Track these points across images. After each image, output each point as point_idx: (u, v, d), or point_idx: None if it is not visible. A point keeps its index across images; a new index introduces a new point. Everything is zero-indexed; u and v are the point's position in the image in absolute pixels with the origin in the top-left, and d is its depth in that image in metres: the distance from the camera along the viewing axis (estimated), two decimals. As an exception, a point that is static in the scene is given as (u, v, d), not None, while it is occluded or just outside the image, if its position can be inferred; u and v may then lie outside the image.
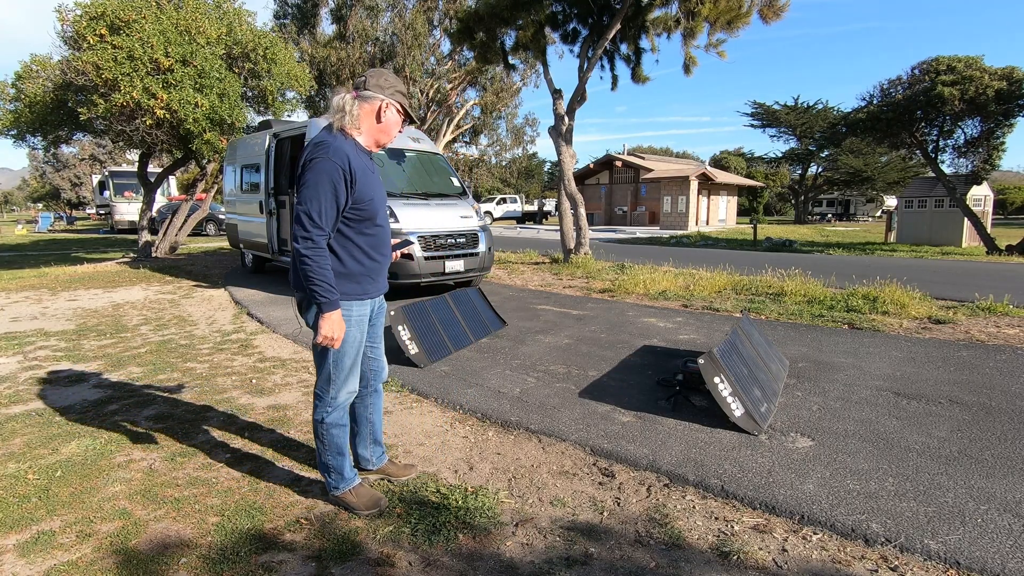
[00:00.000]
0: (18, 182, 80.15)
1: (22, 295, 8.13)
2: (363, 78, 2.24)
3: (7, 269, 11.42)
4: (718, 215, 31.79)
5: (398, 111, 2.27)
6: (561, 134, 10.93)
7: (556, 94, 11.10)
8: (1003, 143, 14.97)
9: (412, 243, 2.68)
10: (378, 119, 2.24)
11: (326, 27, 25.10)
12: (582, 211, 11.07)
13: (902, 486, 2.51)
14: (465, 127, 29.53)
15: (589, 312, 6.49)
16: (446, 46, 24.91)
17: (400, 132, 2.33)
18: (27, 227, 28.36)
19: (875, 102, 16.82)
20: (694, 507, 2.43)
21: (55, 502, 2.47)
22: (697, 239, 19.95)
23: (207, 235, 22.12)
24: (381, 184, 2.36)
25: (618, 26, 10.61)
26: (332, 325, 2.10)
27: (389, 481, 2.65)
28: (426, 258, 6.94)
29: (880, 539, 2.14)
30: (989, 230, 17.07)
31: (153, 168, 20.16)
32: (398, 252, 2.63)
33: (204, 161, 12.93)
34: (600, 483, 2.65)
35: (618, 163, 32.89)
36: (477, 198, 35.74)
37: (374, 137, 2.27)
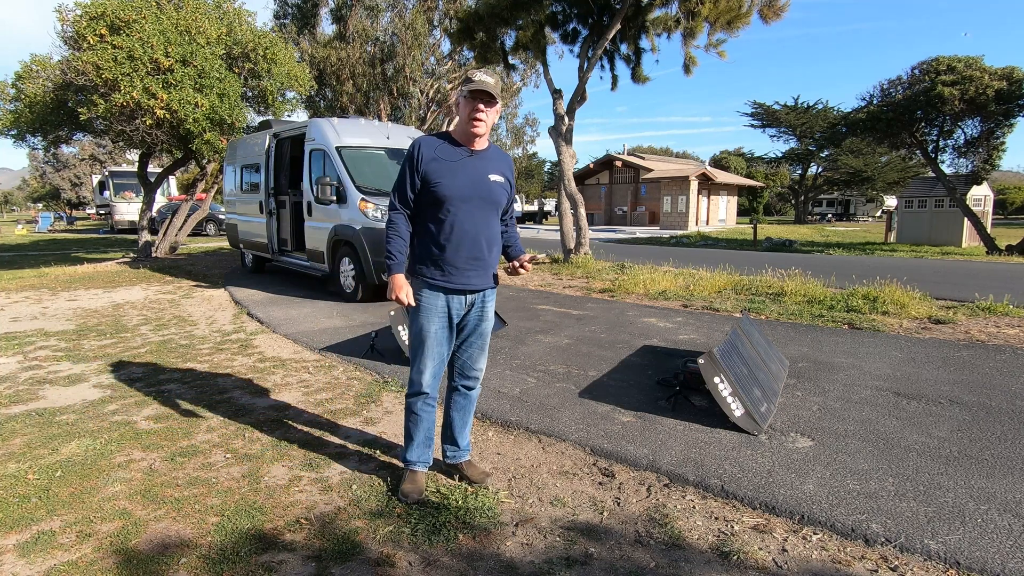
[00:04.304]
0: (18, 182, 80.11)
1: (22, 295, 8.12)
2: None
3: (7, 269, 11.42)
4: (718, 215, 31.78)
5: (466, 96, 2.34)
6: (561, 134, 10.93)
7: (556, 94, 11.09)
8: (1003, 143, 14.97)
9: (536, 258, 2.60)
10: (458, 112, 2.43)
11: (326, 27, 25.09)
12: (582, 211, 11.07)
13: (902, 486, 2.51)
14: (465, 127, 29.46)
15: (589, 312, 6.49)
16: (446, 46, 24.90)
17: (480, 115, 2.33)
18: (27, 227, 28.35)
19: (875, 102, 16.81)
20: (694, 507, 2.43)
21: (55, 502, 2.47)
22: (697, 239, 19.95)
23: (207, 235, 22.12)
24: (473, 176, 2.39)
25: (618, 26, 10.61)
26: (390, 285, 2.38)
27: (463, 478, 2.65)
28: None
29: (880, 539, 2.14)
30: (989, 230, 17.06)
31: (153, 168, 20.15)
32: (517, 263, 2.55)
33: (204, 161, 12.93)
34: (600, 483, 2.65)
35: (618, 163, 32.89)
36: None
37: (462, 129, 2.42)
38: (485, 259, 2.45)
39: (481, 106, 2.32)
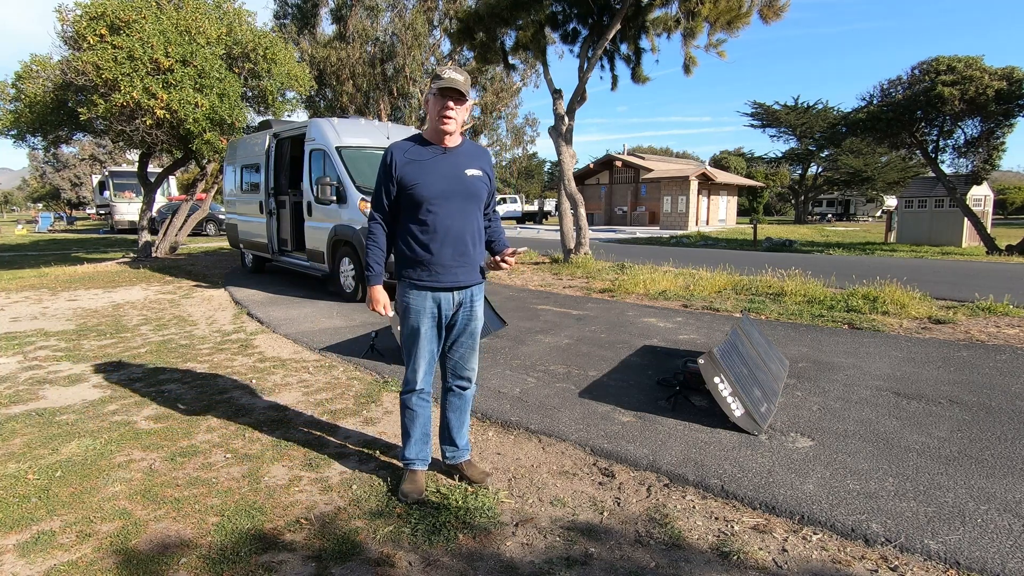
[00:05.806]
0: (18, 182, 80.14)
1: (22, 295, 8.12)
2: None
3: (7, 269, 11.42)
4: (718, 215, 31.78)
5: (435, 94, 2.32)
6: (561, 134, 10.93)
7: (556, 94, 11.09)
8: (1003, 143, 14.97)
9: (518, 252, 2.56)
10: (428, 110, 2.40)
11: (326, 27, 25.13)
12: (582, 211, 11.07)
13: (902, 486, 2.51)
14: (465, 127, 29.56)
15: (589, 312, 6.49)
16: (446, 46, 24.94)
17: (450, 112, 2.31)
18: (27, 227, 28.36)
19: (875, 102, 16.80)
20: (694, 507, 2.43)
21: (55, 502, 2.47)
22: (697, 239, 19.95)
23: (207, 235, 22.11)
24: (449, 173, 2.38)
25: (618, 26, 10.61)
26: (368, 296, 2.49)
27: (463, 478, 2.64)
28: None
29: (880, 539, 2.14)
30: (989, 230, 17.06)
31: (153, 168, 20.15)
32: (499, 257, 2.51)
33: (204, 161, 12.93)
34: (600, 483, 2.65)
35: (618, 163, 32.88)
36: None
37: (432, 127, 2.40)
38: (471, 255, 2.46)
39: (451, 103, 2.31)
